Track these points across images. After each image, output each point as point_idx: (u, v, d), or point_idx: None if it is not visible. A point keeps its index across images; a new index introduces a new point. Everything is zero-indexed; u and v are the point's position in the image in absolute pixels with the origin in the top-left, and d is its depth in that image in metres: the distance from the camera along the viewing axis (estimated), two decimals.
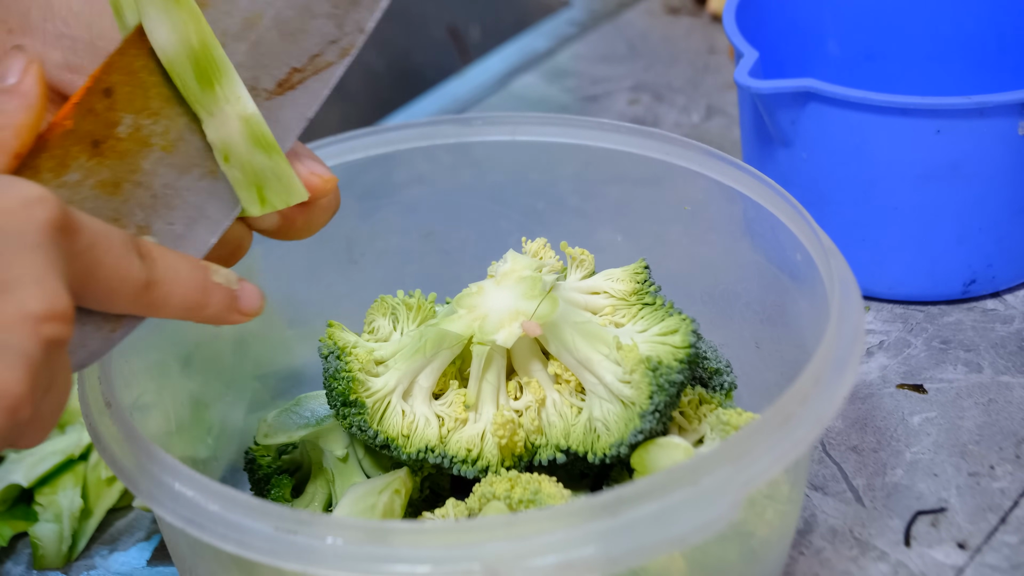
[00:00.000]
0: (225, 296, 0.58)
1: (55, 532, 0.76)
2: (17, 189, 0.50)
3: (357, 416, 0.67)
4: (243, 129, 0.60)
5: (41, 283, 0.49)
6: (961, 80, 0.98)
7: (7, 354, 0.48)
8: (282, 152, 0.61)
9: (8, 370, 0.48)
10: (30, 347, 0.48)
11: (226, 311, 0.58)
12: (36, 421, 0.51)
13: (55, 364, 0.50)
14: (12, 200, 0.49)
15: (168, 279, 0.55)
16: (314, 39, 0.62)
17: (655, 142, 0.77)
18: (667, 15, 1.26)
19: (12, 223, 0.49)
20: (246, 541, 0.54)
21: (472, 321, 0.68)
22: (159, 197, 0.59)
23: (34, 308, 0.48)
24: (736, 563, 0.65)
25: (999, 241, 0.86)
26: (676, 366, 0.64)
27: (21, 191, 0.50)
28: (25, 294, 0.48)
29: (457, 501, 0.66)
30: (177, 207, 0.60)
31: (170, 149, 0.60)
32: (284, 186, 0.61)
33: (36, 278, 0.49)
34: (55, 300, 0.49)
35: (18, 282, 0.48)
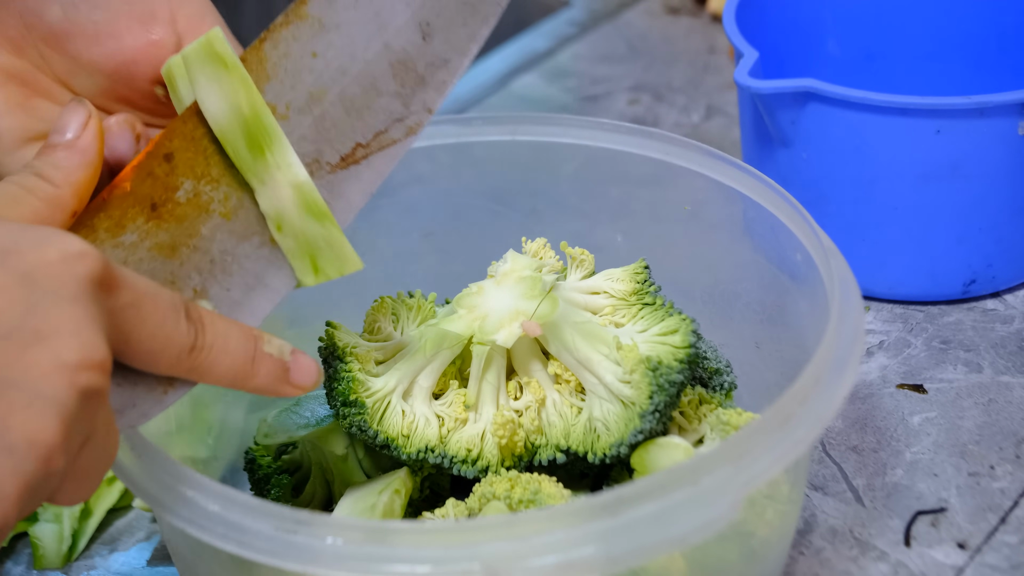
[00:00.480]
0: (275, 368, 0.57)
1: (55, 532, 0.76)
2: (59, 243, 0.50)
3: (357, 416, 0.67)
4: (295, 197, 0.60)
5: (77, 334, 0.49)
6: (961, 80, 0.98)
7: (40, 403, 0.48)
8: (335, 221, 0.61)
9: (40, 419, 0.48)
10: (64, 396, 0.48)
11: (276, 383, 0.57)
12: (75, 475, 0.51)
13: (92, 415, 0.50)
14: (53, 253, 0.49)
15: (216, 346, 0.55)
16: (380, 116, 0.62)
17: (655, 142, 0.77)
18: (667, 15, 1.26)
19: (51, 275, 0.49)
20: (246, 541, 0.54)
21: (472, 321, 0.68)
22: (217, 262, 0.59)
23: (69, 358, 0.48)
24: (736, 563, 0.65)
25: (999, 241, 0.86)
26: (676, 366, 0.64)
27: (62, 245, 0.49)
28: (60, 344, 0.48)
29: (457, 501, 0.66)
30: (235, 273, 0.60)
31: (229, 216, 0.60)
32: (338, 255, 0.61)
33: (72, 329, 0.49)
34: (91, 350, 0.49)
35: (54, 332, 0.48)
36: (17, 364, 0.47)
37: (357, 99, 0.61)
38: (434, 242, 0.84)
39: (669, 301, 0.69)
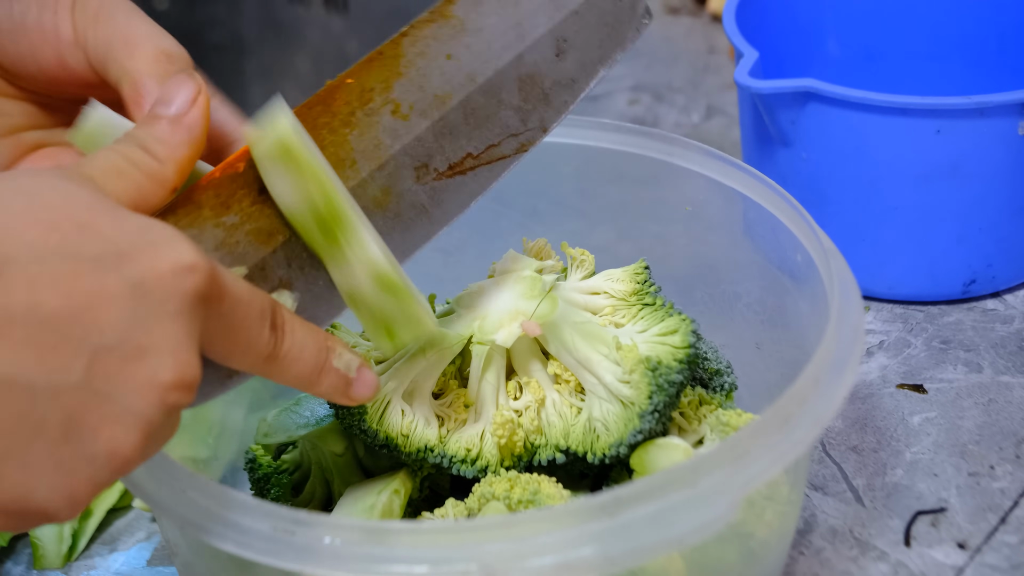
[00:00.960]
0: (338, 381, 0.58)
1: (55, 532, 0.76)
2: (173, 252, 0.49)
3: (357, 416, 0.67)
4: (370, 279, 0.59)
5: (175, 353, 0.49)
6: (961, 80, 0.98)
7: (129, 418, 0.48)
8: (410, 293, 0.60)
9: (126, 434, 0.48)
10: (152, 414, 0.49)
11: (336, 394, 0.58)
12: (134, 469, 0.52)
13: (172, 426, 0.51)
14: (166, 263, 0.49)
15: (291, 355, 0.55)
16: (496, 129, 0.62)
17: (655, 142, 0.77)
18: (667, 15, 1.26)
19: (160, 289, 0.49)
20: (245, 541, 0.54)
21: (472, 321, 0.68)
22: (308, 255, 0.59)
23: (164, 377, 0.49)
24: (735, 564, 0.65)
25: (999, 241, 0.86)
26: (676, 366, 0.64)
27: (176, 255, 0.49)
28: (159, 363, 0.48)
29: (456, 501, 0.66)
30: (322, 269, 0.59)
31: None
32: (412, 323, 0.61)
33: (172, 348, 0.49)
34: (187, 370, 0.49)
35: (155, 349, 0.48)
36: (116, 377, 0.48)
37: (479, 108, 0.61)
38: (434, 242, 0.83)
39: (669, 302, 0.69)
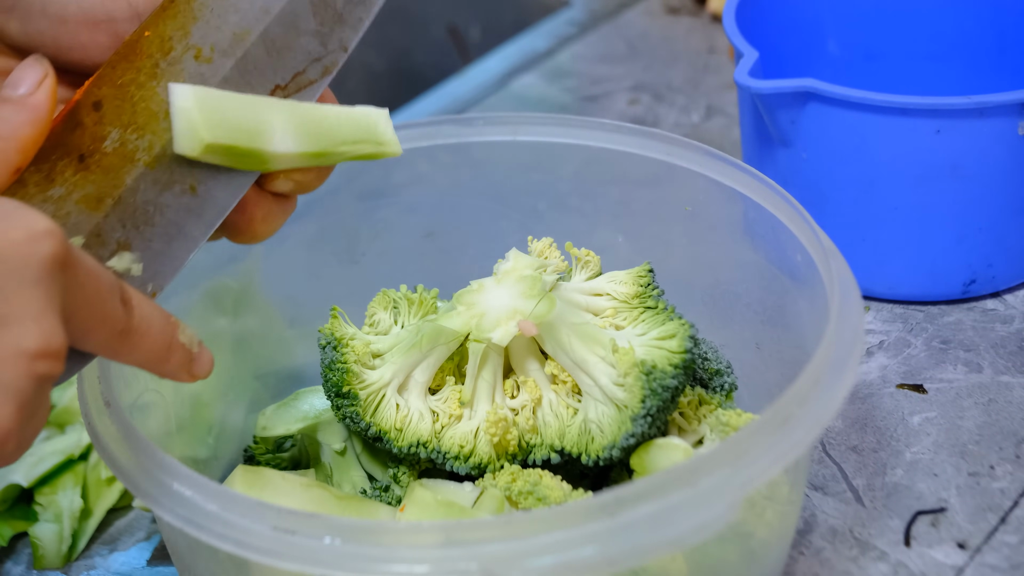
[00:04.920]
0: (184, 357, 0.58)
1: (55, 532, 0.76)
2: (24, 220, 0.49)
3: (350, 408, 0.68)
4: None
5: (39, 320, 0.49)
6: (961, 80, 0.98)
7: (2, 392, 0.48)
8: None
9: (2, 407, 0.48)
10: (23, 384, 0.48)
11: (181, 370, 0.58)
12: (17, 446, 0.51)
13: (44, 398, 0.51)
14: (19, 232, 0.49)
15: (141, 330, 0.55)
16: (298, 56, 0.62)
17: (655, 142, 0.77)
18: (667, 15, 1.26)
19: (16, 256, 0.48)
20: (244, 541, 0.54)
21: (470, 318, 0.68)
22: (140, 213, 0.59)
23: (30, 345, 0.48)
24: (736, 563, 0.65)
25: (999, 241, 0.86)
26: (670, 371, 0.64)
27: (28, 223, 0.49)
28: (23, 331, 0.48)
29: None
30: (157, 224, 0.59)
31: (153, 165, 0.59)
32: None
33: (34, 315, 0.49)
34: (52, 338, 0.49)
35: (16, 318, 0.48)
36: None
37: (278, 39, 0.61)
38: (434, 242, 0.84)
39: (671, 306, 0.69)
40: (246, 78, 0.61)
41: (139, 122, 0.59)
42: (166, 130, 0.60)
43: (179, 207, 0.60)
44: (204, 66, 0.60)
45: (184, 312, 0.73)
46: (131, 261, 0.59)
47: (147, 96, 0.60)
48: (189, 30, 0.60)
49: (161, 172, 0.60)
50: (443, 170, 0.81)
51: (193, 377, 0.59)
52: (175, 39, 0.60)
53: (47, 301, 0.49)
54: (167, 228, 0.60)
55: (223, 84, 0.60)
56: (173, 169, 0.60)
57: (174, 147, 0.59)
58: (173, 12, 0.60)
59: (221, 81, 0.60)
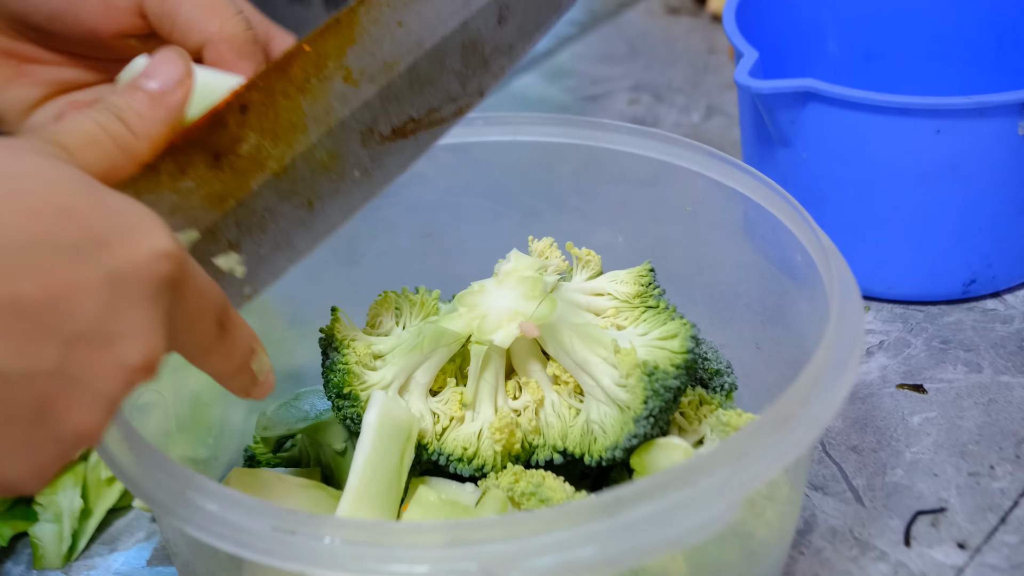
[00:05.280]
0: (247, 382, 0.59)
1: (55, 532, 0.76)
2: (150, 239, 0.50)
3: (351, 409, 0.68)
4: None
5: (146, 337, 0.49)
6: (961, 80, 0.98)
7: (97, 401, 0.49)
8: None
9: (93, 415, 0.49)
10: (119, 395, 0.49)
11: (238, 390, 0.60)
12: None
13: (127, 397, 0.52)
14: (143, 252, 0.49)
15: (223, 352, 0.56)
16: (438, 94, 0.63)
17: (655, 142, 0.77)
18: (667, 15, 1.26)
19: (135, 276, 0.49)
20: (244, 541, 0.54)
21: (471, 320, 0.68)
22: (256, 218, 0.60)
23: (134, 362, 0.49)
24: (736, 563, 0.65)
25: (999, 241, 0.86)
26: (672, 371, 0.64)
27: (153, 243, 0.50)
28: (130, 347, 0.49)
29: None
30: (269, 231, 0.61)
31: (281, 174, 0.60)
32: None
33: (143, 332, 0.49)
34: (154, 353, 0.50)
35: (126, 335, 0.49)
36: (87, 363, 0.48)
37: (424, 74, 0.63)
38: (434, 242, 0.84)
39: (672, 305, 0.69)
40: (386, 105, 0.62)
41: (278, 131, 0.60)
42: (300, 143, 0.61)
43: (293, 218, 0.61)
44: (350, 88, 0.61)
45: None
46: (237, 262, 0.60)
47: (291, 107, 0.60)
48: (345, 51, 0.61)
49: (285, 182, 0.61)
50: (443, 170, 0.81)
51: (254, 397, 0.60)
52: (330, 57, 0.61)
53: (156, 320, 0.50)
54: (277, 236, 0.61)
55: (363, 108, 0.62)
56: (297, 181, 0.61)
57: None
58: (335, 31, 0.61)
59: (362, 105, 0.61)
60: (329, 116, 0.61)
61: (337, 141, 0.62)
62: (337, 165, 0.62)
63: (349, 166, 0.63)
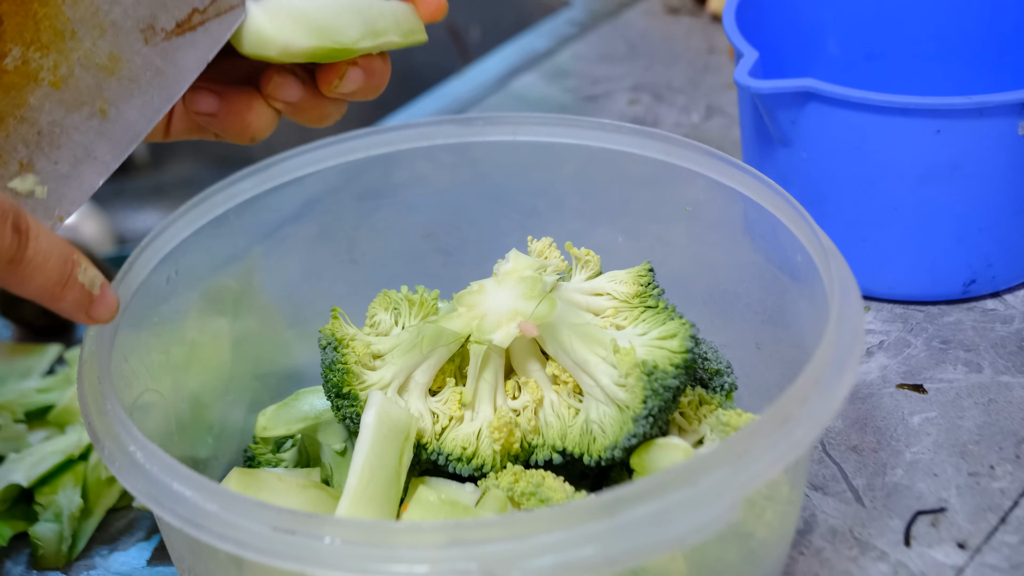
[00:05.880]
0: (81, 296, 0.57)
1: (55, 532, 0.76)
2: None
3: (350, 408, 0.68)
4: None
5: None
6: (961, 80, 0.98)
7: None
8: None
9: None
10: None
11: (78, 310, 0.57)
12: None
13: None
14: None
15: (35, 262, 0.54)
16: None
17: (655, 142, 0.77)
18: (667, 15, 1.26)
19: None
20: (244, 541, 0.54)
21: (471, 320, 0.68)
22: (44, 134, 0.58)
23: None
24: (736, 563, 0.65)
25: (999, 241, 0.86)
26: (671, 371, 0.64)
27: None
28: None
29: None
30: (63, 146, 0.58)
31: (59, 85, 0.58)
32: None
33: None
34: None
35: None
36: None
37: None
38: (434, 242, 0.84)
39: (672, 305, 0.69)
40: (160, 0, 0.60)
41: (43, 40, 0.58)
42: (72, 49, 0.58)
43: (87, 129, 0.59)
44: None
45: (184, 312, 0.73)
46: (35, 183, 0.58)
47: (51, 14, 0.58)
48: None
49: (68, 93, 0.58)
50: (443, 170, 0.81)
51: (91, 319, 0.58)
52: None
53: None
54: (75, 150, 0.58)
55: (135, 6, 0.59)
56: (82, 90, 0.59)
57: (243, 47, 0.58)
58: None
59: (132, 3, 0.59)
60: (98, 17, 0.59)
61: (115, 43, 0.59)
62: (123, 68, 0.60)
63: (137, 67, 0.60)
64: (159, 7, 0.60)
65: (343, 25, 0.61)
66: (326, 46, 0.61)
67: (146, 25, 0.60)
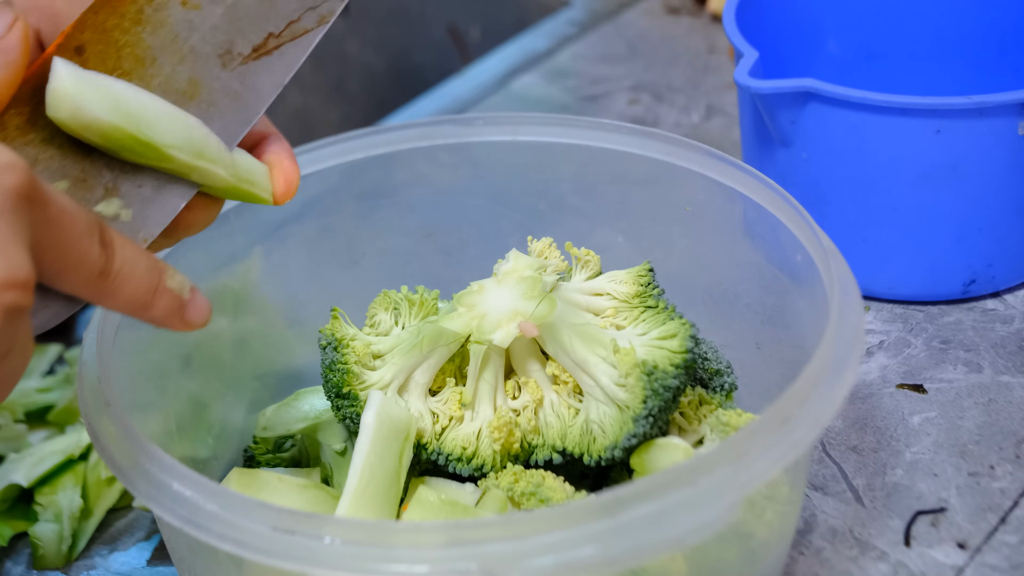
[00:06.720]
0: (172, 303, 0.57)
1: (55, 532, 0.76)
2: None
3: (350, 408, 0.68)
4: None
5: (3, 251, 0.48)
6: (961, 80, 0.98)
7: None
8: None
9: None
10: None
11: (170, 317, 0.57)
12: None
13: (15, 331, 0.50)
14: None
15: (123, 273, 0.54)
16: (292, 4, 0.61)
17: (655, 142, 0.77)
18: (667, 15, 1.26)
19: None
20: (244, 541, 0.54)
21: (471, 320, 0.68)
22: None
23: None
24: (736, 563, 0.65)
25: (999, 241, 0.86)
26: (671, 371, 0.64)
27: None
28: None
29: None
30: (146, 170, 0.59)
31: None
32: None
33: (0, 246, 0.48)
34: (17, 268, 0.48)
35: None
36: None
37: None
38: (434, 242, 0.84)
39: (672, 305, 0.69)
40: (237, 25, 0.60)
41: (124, 67, 0.59)
42: (153, 75, 0.59)
43: None
44: (192, 12, 0.60)
45: None
46: (120, 207, 0.58)
47: (132, 42, 0.59)
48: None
49: None
50: (443, 170, 0.81)
51: (187, 324, 0.58)
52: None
53: (12, 232, 0.49)
54: (157, 174, 0.59)
55: (213, 32, 0.60)
56: None
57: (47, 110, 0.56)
58: None
59: (210, 29, 0.60)
60: (177, 44, 0.59)
61: (194, 68, 0.60)
62: (202, 92, 0.60)
63: (215, 91, 0.61)
64: (236, 32, 0.61)
65: (159, 125, 0.58)
66: (129, 131, 0.57)
67: (224, 50, 0.60)
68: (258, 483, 0.67)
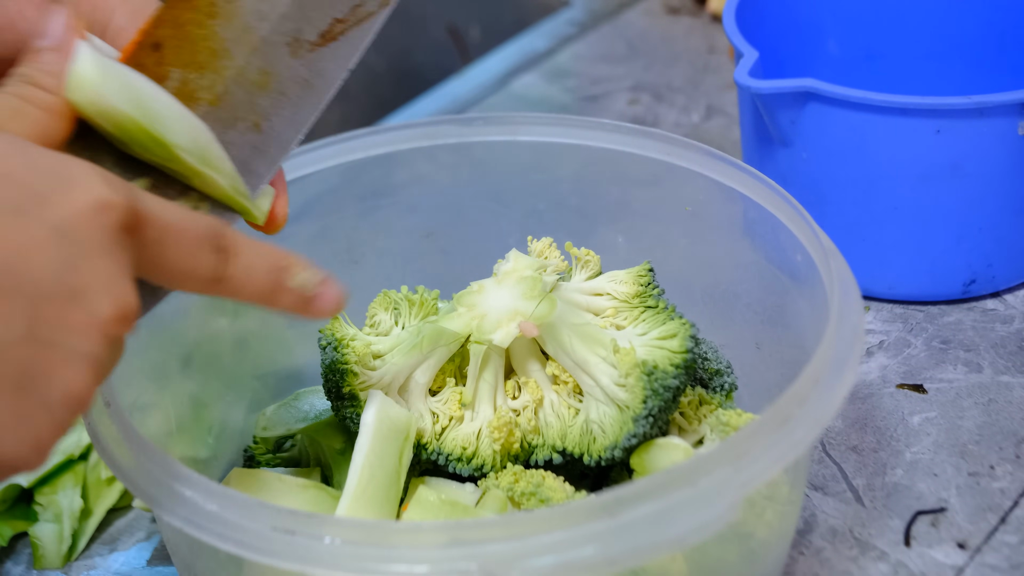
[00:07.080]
0: (295, 300, 0.57)
1: (55, 532, 0.76)
2: (86, 189, 0.49)
3: (350, 408, 0.68)
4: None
5: (110, 288, 0.49)
6: (961, 80, 0.98)
7: (77, 360, 0.49)
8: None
9: (77, 374, 0.49)
10: (98, 351, 0.49)
11: (296, 311, 0.57)
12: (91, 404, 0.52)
13: (117, 357, 0.52)
14: (82, 202, 0.49)
15: (239, 278, 0.55)
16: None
17: (655, 142, 0.77)
18: (667, 15, 1.26)
19: (83, 228, 0.49)
20: (244, 541, 0.54)
21: (471, 320, 0.68)
22: None
23: (103, 313, 0.49)
24: (736, 563, 0.65)
25: (999, 241, 0.86)
26: (671, 371, 0.64)
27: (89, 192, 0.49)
28: (95, 300, 0.49)
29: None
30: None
31: (216, 103, 0.59)
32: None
33: (105, 283, 0.49)
34: (123, 303, 0.50)
35: (89, 289, 0.49)
36: (57, 323, 0.48)
37: None
38: (434, 242, 0.84)
39: (672, 305, 0.69)
40: (305, 12, 0.61)
41: (199, 61, 0.59)
42: (227, 68, 0.60)
43: (243, 144, 0.60)
44: (262, 2, 0.60)
45: (184, 312, 0.73)
46: (197, 200, 0.59)
47: (207, 35, 0.59)
48: None
49: (224, 110, 0.60)
50: (443, 170, 0.81)
51: (319, 315, 0.58)
52: None
53: (117, 269, 0.50)
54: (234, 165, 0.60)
55: (281, 20, 0.60)
56: (236, 106, 0.60)
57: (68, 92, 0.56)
58: None
59: (279, 17, 0.60)
60: (249, 34, 0.60)
61: (266, 58, 0.61)
62: (272, 82, 0.61)
63: (285, 80, 0.61)
64: (303, 20, 0.61)
65: (173, 126, 0.57)
66: (143, 126, 0.57)
67: (292, 38, 0.61)
68: (258, 483, 0.67)
